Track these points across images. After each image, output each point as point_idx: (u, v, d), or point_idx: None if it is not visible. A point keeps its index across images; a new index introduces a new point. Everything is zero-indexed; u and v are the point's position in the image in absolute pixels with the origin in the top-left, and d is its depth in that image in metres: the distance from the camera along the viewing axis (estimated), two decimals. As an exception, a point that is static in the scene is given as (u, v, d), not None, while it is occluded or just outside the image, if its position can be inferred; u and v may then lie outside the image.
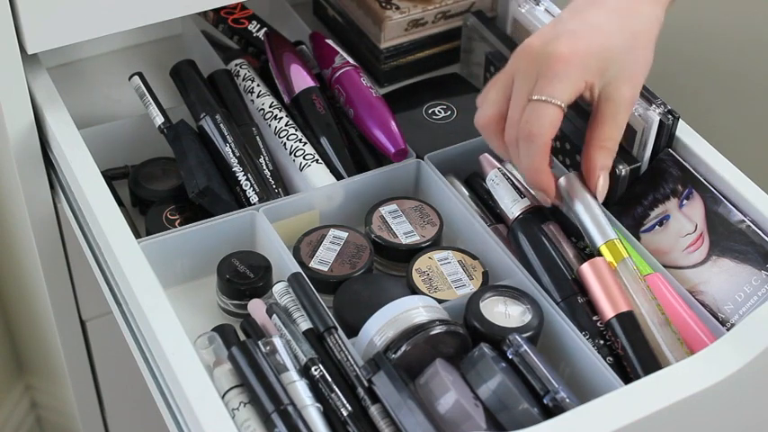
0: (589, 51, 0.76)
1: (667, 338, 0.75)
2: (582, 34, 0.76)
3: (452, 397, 0.69)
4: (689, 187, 0.84)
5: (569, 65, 0.75)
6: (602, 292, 0.76)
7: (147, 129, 0.94)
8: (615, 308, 0.76)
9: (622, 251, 0.79)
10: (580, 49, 0.75)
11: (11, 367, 1.43)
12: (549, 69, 0.75)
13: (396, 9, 1.03)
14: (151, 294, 0.74)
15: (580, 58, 0.75)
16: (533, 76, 0.76)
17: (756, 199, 0.81)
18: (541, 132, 0.75)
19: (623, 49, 0.77)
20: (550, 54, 0.75)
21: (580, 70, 0.75)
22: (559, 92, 0.75)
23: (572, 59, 0.75)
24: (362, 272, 0.83)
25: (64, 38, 0.86)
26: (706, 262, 0.82)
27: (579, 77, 0.75)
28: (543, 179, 0.78)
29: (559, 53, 0.75)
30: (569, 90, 0.75)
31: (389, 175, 0.91)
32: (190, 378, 0.69)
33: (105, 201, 0.81)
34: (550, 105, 0.75)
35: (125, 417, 1.20)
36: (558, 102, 0.74)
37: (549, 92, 0.75)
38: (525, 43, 0.78)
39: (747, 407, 0.73)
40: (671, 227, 0.84)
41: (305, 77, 0.96)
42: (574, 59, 0.75)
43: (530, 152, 0.76)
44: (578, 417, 0.65)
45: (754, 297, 0.79)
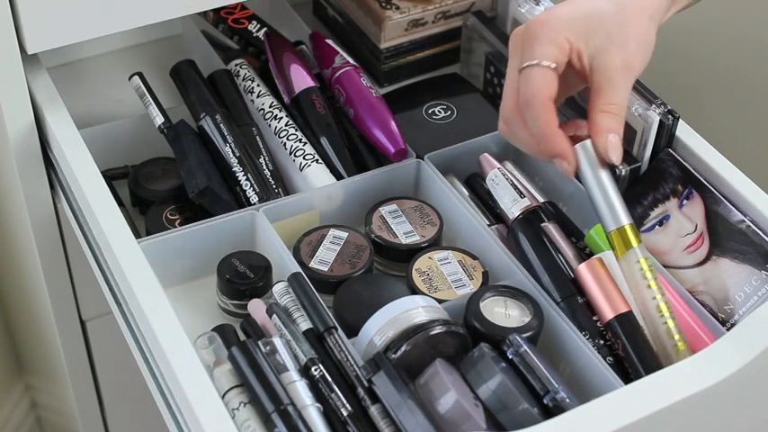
0: (570, 14, 0.75)
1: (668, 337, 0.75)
2: (566, 6, 0.76)
3: (452, 397, 0.69)
4: (689, 187, 0.84)
5: (548, 25, 0.74)
6: (601, 293, 0.76)
7: (147, 129, 0.94)
8: (614, 309, 0.76)
9: (632, 239, 0.75)
10: (560, 12, 0.75)
11: (11, 367, 1.42)
12: (530, 36, 0.74)
13: (396, 9, 1.03)
14: (151, 294, 0.74)
15: (559, 19, 0.75)
16: (519, 49, 0.75)
17: (756, 199, 0.81)
18: (534, 93, 0.73)
19: (609, 15, 0.75)
20: (529, 24, 0.75)
21: (559, 29, 0.74)
22: (541, 53, 0.74)
23: (551, 20, 0.74)
24: (362, 272, 0.83)
25: (64, 38, 0.86)
26: (706, 262, 0.82)
27: (559, 35, 0.74)
28: (556, 143, 0.74)
29: (537, 19, 0.75)
30: (552, 49, 0.74)
31: (389, 175, 0.91)
32: (190, 378, 0.69)
33: (105, 201, 0.81)
34: (537, 67, 0.73)
35: (125, 417, 1.20)
36: (544, 62, 0.73)
37: (531, 56, 0.74)
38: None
39: (747, 407, 0.73)
40: (671, 227, 0.84)
41: (305, 77, 0.96)
42: (553, 20, 0.74)
43: (532, 117, 0.74)
44: (578, 417, 0.65)
45: (754, 297, 0.79)
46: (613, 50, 0.75)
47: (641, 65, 0.76)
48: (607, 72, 0.75)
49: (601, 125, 0.75)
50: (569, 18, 0.75)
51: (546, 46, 0.74)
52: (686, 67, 1.40)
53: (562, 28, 0.74)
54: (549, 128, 0.74)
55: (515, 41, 0.76)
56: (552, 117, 0.74)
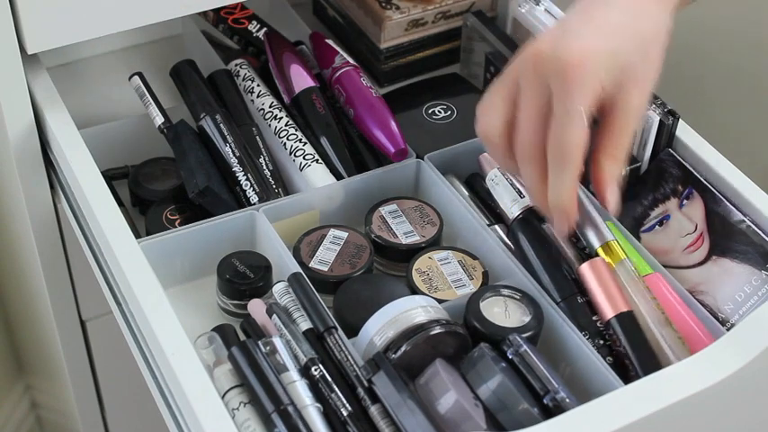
0: (600, 52, 0.70)
1: (669, 337, 0.75)
2: (590, 34, 0.70)
3: (452, 397, 0.69)
4: (689, 187, 0.84)
5: (584, 69, 0.69)
6: (602, 292, 0.76)
7: (147, 129, 0.94)
8: (615, 308, 0.76)
9: (620, 253, 0.79)
10: (591, 51, 0.69)
11: (11, 367, 1.43)
12: (564, 77, 0.69)
13: (396, 9, 1.03)
14: (151, 294, 0.74)
15: (593, 62, 0.69)
16: (544, 85, 0.70)
17: (756, 199, 0.81)
18: (573, 152, 0.69)
19: (635, 54, 0.71)
20: (560, 58, 0.69)
21: (595, 74, 0.69)
22: (579, 100, 0.69)
23: (586, 63, 0.69)
24: (362, 272, 0.83)
25: (64, 38, 0.86)
26: (706, 262, 0.82)
27: (596, 82, 0.69)
28: (572, 205, 0.72)
29: (571, 57, 0.69)
30: (590, 98, 0.69)
31: (389, 175, 0.91)
32: (190, 378, 0.69)
33: (105, 201, 0.81)
34: (575, 121, 0.69)
35: (125, 417, 1.20)
36: (581, 118, 0.69)
37: (569, 104, 0.69)
38: (531, 47, 0.71)
39: (747, 407, 0.73)
40: (671, 227, 0.84)
41: (305, 77, 0.96)
42: (587, 63, 0.69)
43: (563, 177, 0.70)
44: (578, 417, 0.65)
45: (754, 297, 0.79)
46: (635, 91, 0.72)
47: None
48: (626, 112, 0.72)
49: (607, 172, 0.73)
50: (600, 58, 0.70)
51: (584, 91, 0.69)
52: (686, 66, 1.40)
53: (598, 74, 0.69)
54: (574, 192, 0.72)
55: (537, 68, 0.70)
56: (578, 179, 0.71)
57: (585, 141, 0.70)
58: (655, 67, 0.73)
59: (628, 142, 0.73)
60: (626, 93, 0.71)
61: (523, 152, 0.72)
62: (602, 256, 0.78)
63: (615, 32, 0.71)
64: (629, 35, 0.72)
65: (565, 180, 0.71)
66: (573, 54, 0.69)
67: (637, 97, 0.72)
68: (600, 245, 0.79)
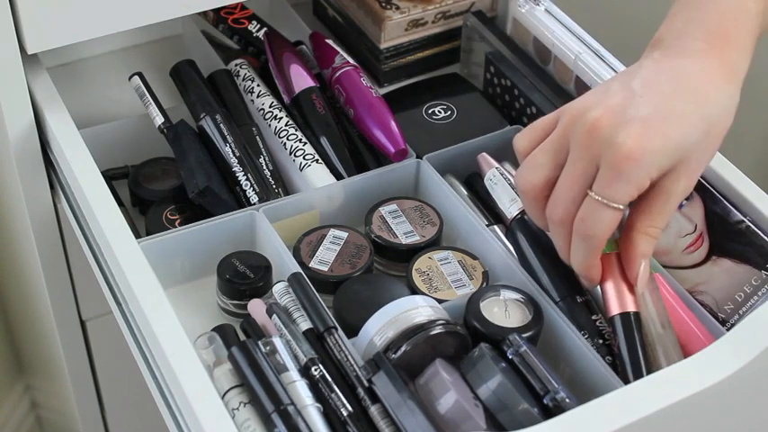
0: (662, 150, 0.68)
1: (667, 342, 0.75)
2: (656, 126, 0.68)
3: (452, 397, 0.69)
4: (689, 187, 0.84)
5: (638, 165, 0.67)
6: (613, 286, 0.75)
7: (147, 129, 0.94)
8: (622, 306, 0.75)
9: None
10: (652, 148, 0.67)
11: (11, 367, 1.43)
12: (615, 166, 0.67)
13: (396, 9, 1.03)
14: (151, 294, 0.74)
15: (650, 159, 0.68)
16: (593, 162, 0.69)
17: (756, 199, 0.81)
18: (599, 235, 0.70)
19: (696, 144, 0.69)
20: (619, 147, 0.67)
21: (647, 171, 0.68)
22: (622, 195, 0.68)
23: (642, 159, 0.67)
24: (362, 272, 0.83)
25: (64, 38, 0.86)
26: (706, 262, 0.82)
27: (645, 178, 0.68)
28: (594, 273, 0.73)
29: (629, 150, 0.67)
30: (632, 193, 0.69)
31: (389, 175, 0.91)
32: (190, 378, 0.69)
33: (105, 201, 0.81)
34: (611, 210, 0.69)
35: (125, 417, 1.20)
36: (616, 205, 0.69)
37: (611, 194, 0.68)
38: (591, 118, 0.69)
39: (747, 407, 0.73)
40: (670, 227, 0.84)
41: (305, 77, 0.96)
42: (644, 160, 0.67)
43: (585, 250, 0.71)
44: (578, 417, 0.65)
45: (754, 297, 0.79)
46: (684, 176, 0.70)
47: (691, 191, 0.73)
48: (669, 195, 0.70)
49: (641, 249, 0.72)
50: (659, 155, 0.68)
51: (629, 187, 0.68)
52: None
53: (650, 170, 0.68)
54: (594, 262, 0.72)
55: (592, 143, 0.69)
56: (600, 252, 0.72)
57: (613, 227, 0.70)
58: (711, 153, 0.72)
59: (664, 223, 0.72)
60: (673, 178, 0.70)
61: (555, 215, 0.72)
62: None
63: (682, 122, 0.69)
64: (695, 123, 0.69)
65: (586, 255, 0.72)
66: (633, 146, 0.67)
67: (684, 182, 0.70)
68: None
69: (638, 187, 0.68)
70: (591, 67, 0.92)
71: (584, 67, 0.92)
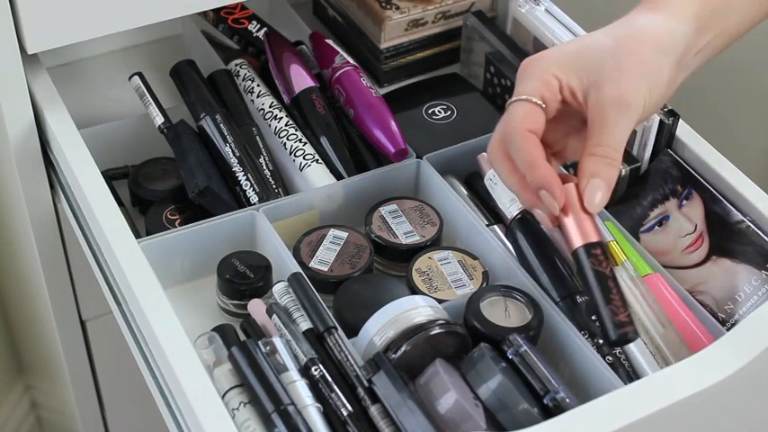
0: (561, 51, 0.74)
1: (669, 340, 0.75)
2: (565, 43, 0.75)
3: (452, 397, 0.69)
4: (688, 187, 0.84)
5: (537, 63, 0.73)
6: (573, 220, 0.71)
7: (147, 129, 0.94)
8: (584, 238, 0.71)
9: (620, 254, 0.79)
10: (553, 51, 0.74)
11: (11, 367, 1.43)
12: (522, 73, 0.74)
13: (396, 9, 1.03)
14: (151, 294, 0.74)
15: (549, 57, 0.73)
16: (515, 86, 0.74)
17: (756, 199, 0.81)
18: (513, 126, 0.71)
19: (604, 49, 0.72)
20: (525, 61, 0.74)
21: (547, 66, 0.73)
22: (527, 89, 0.72)
23: (541, 59, 0.73)
24: (362, 272, 0.83)
25: (64, 38, 0.86)
26: (706, 262, 0.82)
27: (545, 72, 0.72)
28: (540, 172, 0.70)
29: (531, 57, 0.74)
30: (536, 84, 0.72)
31: (389, 175, 0.91)
32: (190, 378, 0.69)
33: (105, 201, 0.81)
34: (518, 101, 0.72)
35: (125, 417, 1.20)
36: (524, 96, 0.72)
37: (518, 92, 0.73)
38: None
39: (747, 407, 0.73)
40: (670, 227, 0.84)
41: (305, 77, 0.96)
42: (542, 59, 0.73)
43: (515, 150, 0.71)
44: (578, 417, 0.65)
45: (754, 297, 0.79)
46: (606, 85, 0.71)
47: (643, 101, 0.71)
48: (599, 108, 0.71)
49: (584, 169, 0.71)
50: (559, 54, 0.74)
51: (530, 81, 0.72)
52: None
53: (549, 64, 0.73)
54: (532, 157, 0.71)
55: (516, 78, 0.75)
56: (535, 148, 0.71)
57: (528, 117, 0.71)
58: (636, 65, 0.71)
59: (609, 139, 0.71)
60: (596, 89, 0.71)
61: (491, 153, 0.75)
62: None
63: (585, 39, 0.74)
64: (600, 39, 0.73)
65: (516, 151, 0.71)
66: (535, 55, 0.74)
67: (609, 91, 0.71)
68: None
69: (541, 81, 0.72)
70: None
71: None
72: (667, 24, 0.74)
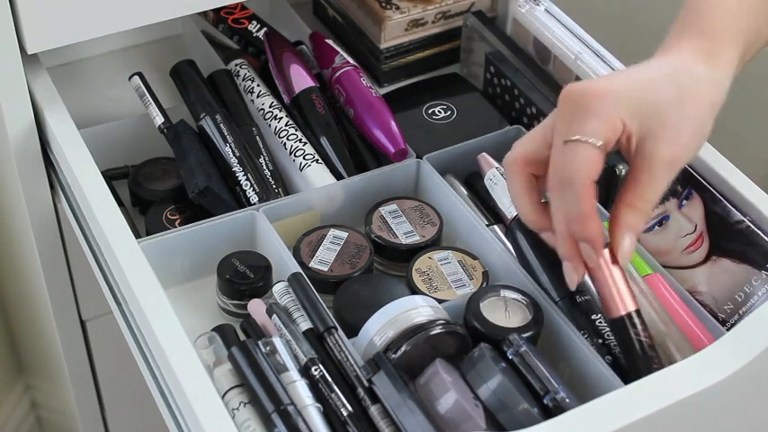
0: (629, 91, 0.69)
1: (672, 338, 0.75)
2: (623, 75, 0.71)
3: (452, 397, 0.69)
4: (688, 188, 0.84)
5: (604, 101, 0.68)
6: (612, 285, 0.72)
7: (147, 129, 0.94)
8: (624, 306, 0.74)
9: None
10: (618, 86, 0.69)
11: (11, 367, 1.43)
12: (583, 107, 0.68)
13: (396, 9, 1.03)
14: (151, 294, 0.74)
15: (615, 95, 0.68)
16: (569, 117, 0.69)
17: (756, 199, 0.81)
18: (576, 173, 0.67)
19: (667, 102, 0.69)
20: (585, 91, 0.69)
21: (614, 107, 0.68)
22: (592, 129, 0.67)
23: (606, 96, 0.68)
24: (362, 272, 0.83)
25: (64, 38, 0.86)
26: (706, 262, 0.82)
27: (613, 114, 0.68)
28: (591, 226, 0.68)
29: (593, 89, 0.69)
30: (603, 127, 0.68)
31: (389, 175, 0.91)
32: (190, 378, 0.69)
33: (105, 201, 0.81)
34: (583, 144, 0.67)
35: (125, 417, 1.20)
36: (591, 140, 0.67)
37: (581, 130, 0.68)
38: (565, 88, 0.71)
39: (747, 407, 0.73)
40: (670, 227, 0.84)
41: (305, 77, 0.96)
42: (608, 96, 0.68)
43: (567, 197, 0.68)
44: (578, 417, 0.65)
45: (754, 297, 0.79)
46: (665, 141, 0.69)
47: (689, 158, 0.71)
48: (652, 163, 0.69)
49: (623, 221, 0.69)
50: (628, 96, 0.69)
51: (597, 121, 0.68)
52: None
53: (619, 106, 0.68)
54: (584, 211, 0.68)
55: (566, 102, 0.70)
56: (593, 200, 0.68)
57: (593, 166, 0.68)
58: (693, 121, 0.70)
59: (651, 194, 0.70)
60: (654, 141, 0.69)
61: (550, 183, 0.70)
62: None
63: (648, 79, 0.70)
64: (663, 85, 0.70)
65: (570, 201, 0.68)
66: (597, 87, 0.69)
67: (666, 149, 0.69)
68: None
69: (607, 122, 0.68)
70: (591, 67, 0.92)
71: (584, 67, 0.92)
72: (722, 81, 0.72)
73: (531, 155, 0.72)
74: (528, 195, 0.72)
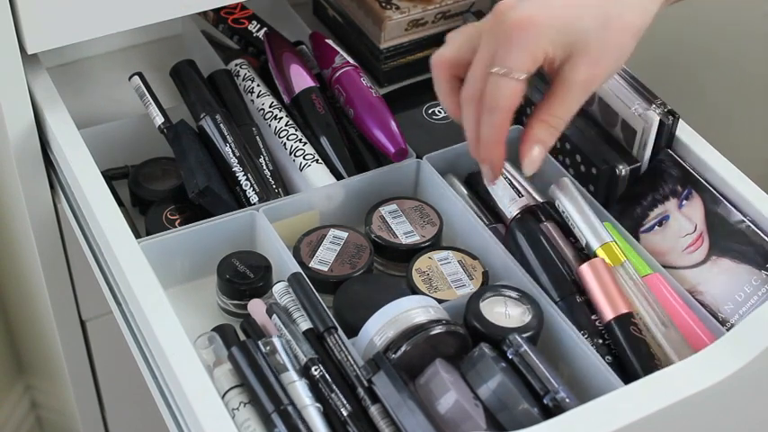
0: (551, 22, 0.72)
1: (672, 338, 0.75)
2: (549, 3, 0.72)
3: (452, 397, 0.69)
4: (688, 188, 0.84)
5: (527, 33, 0.72)
6: (602, 293, 0.76)
7: (147, 129, 0.94)
8: (615, 309, 0.76)
9: (619, 254, 0.79)
10: (540, 18, 0.72)
11: (11, 367, 1.43)
12: (507, 38, 0.72)
13: (396, 9, 1.03)
14: (151, 294, 0.74)
15: (538, 28, 0.72)
16: (494, 44, 0.73)
17: (756, 199, 0.81)
18: (501, 105, 0.73)
19: (591, 28, 0.72)
20: (510, 19, 0.72)
21: (537, 39, 0.72)
22: (516, 62, 0.72)
23: (530, 28, 0.72)
24: (362, 272, 0.83)
25: (64, 38, 0.86)
26: (706, 262, 0.82)
27: (536, 47, 0.72)
28: (496, 152, 0.75)
29: (518, 19, 0.72)
30: (526, 60, 0.72)
31: (389, 175, 0.91)
32: (190, 378, 0.69)
33: (105, 201, 0.81)
34: (508, 79, 0.72)
35: (125, 417, 1.20)
36: (515, 75, 0.72)
37: (506, 62, 0.72)
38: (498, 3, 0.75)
39: (747, 407, 0.73)
40: (670, 227, 0.84)
41: (305, 77, 0.96)
42: (532, 28, 0.72)
43: (490, 123, 0.74)
44: (578, 417, 0.65)
45: (754, 297, 0.79)
46: (584, 65, 0.73)
47: (605, 80, 0.75)
48: (568, 84, 0.73)
49: (534, 134, 0.75)
50: (552, 25, 0.72)
51: (520, 54, 0.72)
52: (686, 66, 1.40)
53: (543, 38, 0.72)
54: (498, 137, 0.74)
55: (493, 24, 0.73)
56: (506, 128, 0.74)
57: (515, 98, 0.72)
58: (615, 47, 0.73)
59: (562, 111, 0.74)
60: (572, 65, 0.73)
61: (464, 96, 0.76)
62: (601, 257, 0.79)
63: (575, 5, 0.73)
64: (591, 12, 0.73)
65: (492, 126, 0.74)
66: (522, 17, 0.72)
67: (583, 72, 0.73)
68: (599, 245, 0.79)
69: (531, 55, 0.72)
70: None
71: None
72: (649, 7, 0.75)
73: (457, 60, 0.77)
74: (453, 95, 0.78)
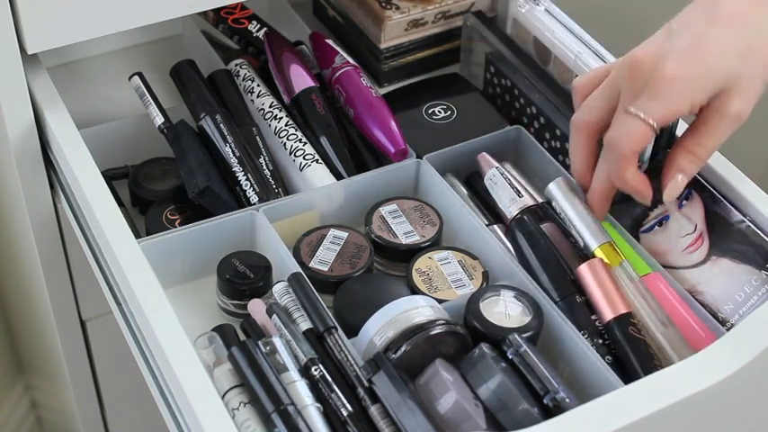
0: (699, 74, 0.73)
1: (672, 338, 0.75)
2: (692, 53, 0.73)
3: (452, 397, 0.69)
4: (688, 187, 0.84)
5: (674, 87, 0.73)
6: (601, 293, 0.76)
7: (147, 129, 0.94)
8: (614, 309, 0.76)
9: (619, 254, 0.79)
10: (688, 72, 0.73)
11: (11, 367, 1.43)
12: (655, 89, 0.73)
13: (396, 9, 1.03)
14: (151, 294, 0.74)
15: (687, 81, 0.73)
16: (637, 92, 0.74)
17: (756, 199, 0.81)
18: (623, 144, 0.74)
19: (737, 64, 0.73)
20: (657, 74, 0.73)
21: (685, 93, 0.73)
22: (654, 110, 0.73)
23: (677, 82, 0.73)
24: (362, 272, 0.83)
25: (64, 38, 0.86)
26: (706, 262, 0.82)
27: (683, 99, 0.73)
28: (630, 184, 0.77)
29: (666, 74, 0.73)
30: (666, 110, 0.73)
31: (389, 175, 0.91)
32: (190, 378, 0.69)
33: (105, 201, 0.81)
34: (639, 120, 0.73)
35: (125, 417, 1.20)
36: (649, 120, 0.73)
37: (644, 107, 0.73)
38: (634, 56, 0.75)
39: (747, 407, 0.73)
40: (670, 227, 0.84)
41: (305, 77, 0.96)
42: (680, 82, 0.73)
43: (611, 160, 0.76)
44: (578, 417, 0.65)
45: (754, 297, 0.79)
46: (736, 97, 0.73)
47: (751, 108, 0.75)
48: (719, 115, 0.74)
49: (678, 163, 0.76)
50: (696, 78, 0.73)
51: (663, 103, 0.73)
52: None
53: (688, 93, 0.73)
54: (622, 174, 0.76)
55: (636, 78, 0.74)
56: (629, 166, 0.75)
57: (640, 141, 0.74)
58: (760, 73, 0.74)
59: (710, 143, 0.75)
60: (723, 98, 0.74)
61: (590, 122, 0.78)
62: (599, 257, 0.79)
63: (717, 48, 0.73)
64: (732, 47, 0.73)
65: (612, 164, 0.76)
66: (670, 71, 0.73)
67: (737, 104, 0.74)
68: (597, 245, 0.79)
69: (674, 107, 0.73)
70: (591, 67, 0.92)
71: (584, 67, 0.92)
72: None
73: (597, 124, 0.78)
74: (585, 159, 0.80)
